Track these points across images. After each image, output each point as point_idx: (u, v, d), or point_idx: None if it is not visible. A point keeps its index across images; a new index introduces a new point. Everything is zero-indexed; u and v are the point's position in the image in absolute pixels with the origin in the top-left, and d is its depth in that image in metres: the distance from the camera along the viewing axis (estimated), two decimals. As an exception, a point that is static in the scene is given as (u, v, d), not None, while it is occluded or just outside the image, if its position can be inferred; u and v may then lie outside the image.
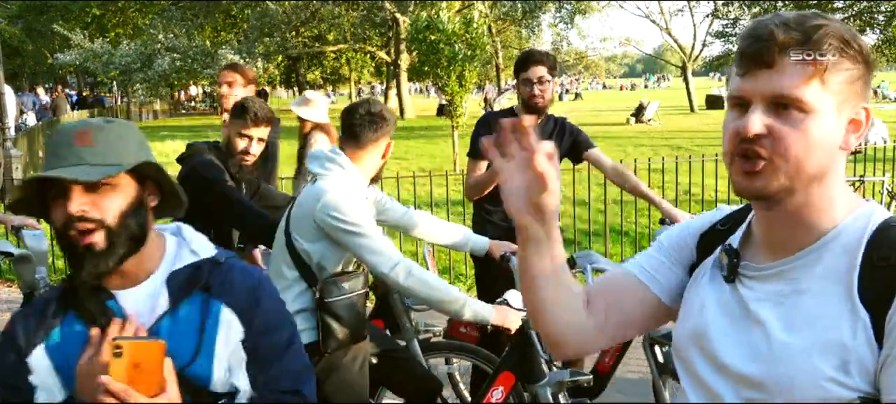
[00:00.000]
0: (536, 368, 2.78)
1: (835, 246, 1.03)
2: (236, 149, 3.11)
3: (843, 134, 1.02)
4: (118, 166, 1.40)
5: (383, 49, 28.69)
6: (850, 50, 0.99)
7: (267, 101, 4.51)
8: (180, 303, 1.48)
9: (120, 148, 1.43)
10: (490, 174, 3.53)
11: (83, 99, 31.57)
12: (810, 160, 1.00)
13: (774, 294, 1.06)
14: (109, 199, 1.40)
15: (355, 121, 2.64)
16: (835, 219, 1.04)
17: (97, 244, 1.39)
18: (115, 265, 1.41)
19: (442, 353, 3.38)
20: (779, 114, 1.00)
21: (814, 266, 1.04)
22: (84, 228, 1.38)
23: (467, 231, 3.21)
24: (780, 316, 1.04)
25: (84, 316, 1.44)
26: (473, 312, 2.55)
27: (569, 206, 8.31)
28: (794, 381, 1.01)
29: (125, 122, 1.52)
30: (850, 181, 7.47)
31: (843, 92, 1.00)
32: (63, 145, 1.41)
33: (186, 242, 1.56)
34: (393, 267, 2.50)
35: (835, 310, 1.00)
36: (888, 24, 20.29)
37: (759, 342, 1.05)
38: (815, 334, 1.00)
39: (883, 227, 1.02)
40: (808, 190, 1.03)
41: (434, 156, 15.47)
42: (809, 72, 0.98)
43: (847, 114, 1.01)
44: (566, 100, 46.66)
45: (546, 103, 3.48)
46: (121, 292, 1.47)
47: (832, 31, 0.99)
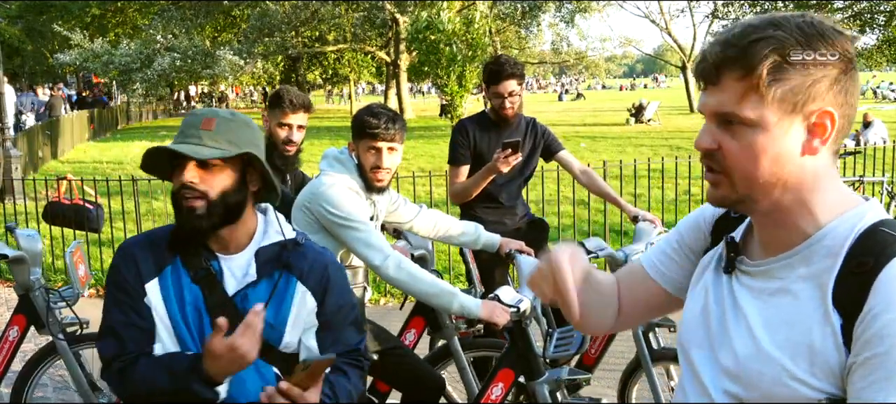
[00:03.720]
0: (534, 365, 2.78)
1: (820, 248, 1.03)
2: (278, 139, 3.14)
3: (803, 140, 1.01)
4: (223, 151, 1.69)
5: (383, 49, 28.67)
6: (797, 59, 0.98)
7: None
8: (263, 277, 1.76)
9: (234, 138, 1.72)
10: (474, 179, 3.59)
11: (83, 98, 31.54)
12: (760, 171, 1.02)
13: (760, 291, 1.08)
14: (215, 177, 1.69)
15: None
16: (820, 221, 1.04)
17: (197, 208, 1.68)
18: (209, 228, 1.71)
19: (481, 351, 3.39)
20: (727, 129, 1.04)
21: (798, 267, 1.05)
22: (191, 194, 1.68)
23: (479, 227, 3.21)
24: (761, 313, 1.07)
25: (191, 267, 1.74)
26: (461, 306, 2.58)
27: (568, 206, 8.31)
28: (763, 377, 1.04)
29: (247, 119, 1.81)
30: (849, 181, 7.46)
31: (791, 101, 1.00)
32: (192, 125, 1.72)
33: (272, 222, 1.84)
34: (384, 260, 2.57)
35: (809, 312, 1.01)
36: (888, 23, 20.27)
37: (740, 336, 1.08)
38: (788, 334, 1.02)
39: (868, 232, 1.01)
40: (772, 197, 1.04)
41: (433, 156, 15.47)
42: (744, 88, 1.00)
43: (802, 122, 1.01)
44: (566, 100, 46.71)
45: (516, 113, 3.68)
46: (223, 256, 1.77)
47: (771, 45, 0.99)
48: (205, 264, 1.75)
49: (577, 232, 7.19)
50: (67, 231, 6.36)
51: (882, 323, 0.94)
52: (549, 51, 42.93)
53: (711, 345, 1.13)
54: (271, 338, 1.78)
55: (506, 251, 3.16)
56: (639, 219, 3.54)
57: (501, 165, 3.35)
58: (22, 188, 9.05)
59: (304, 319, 1.82)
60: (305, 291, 1.81)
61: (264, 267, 1.77)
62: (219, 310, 1.73)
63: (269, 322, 1.75)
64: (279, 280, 1.78)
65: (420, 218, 3.13)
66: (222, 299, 1.75)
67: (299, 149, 3.27)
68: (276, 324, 1.77)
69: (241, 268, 1.77)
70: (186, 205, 1.69)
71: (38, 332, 3.54)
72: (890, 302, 0.94)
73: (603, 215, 7.21)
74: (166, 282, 1.74)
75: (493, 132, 3.73)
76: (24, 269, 3.39)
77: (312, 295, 1.81)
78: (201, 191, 1.69)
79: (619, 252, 3.26)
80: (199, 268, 1.74)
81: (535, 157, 3.88)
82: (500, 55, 4.00)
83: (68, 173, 6.44)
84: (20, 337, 3.54)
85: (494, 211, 3.74)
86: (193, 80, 32.23)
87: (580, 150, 15.97)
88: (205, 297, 1.74)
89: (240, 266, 1.78)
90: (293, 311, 1.79)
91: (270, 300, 1.75)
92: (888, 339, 0.93)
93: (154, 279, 1.74)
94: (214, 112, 1.77)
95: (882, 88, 38.46)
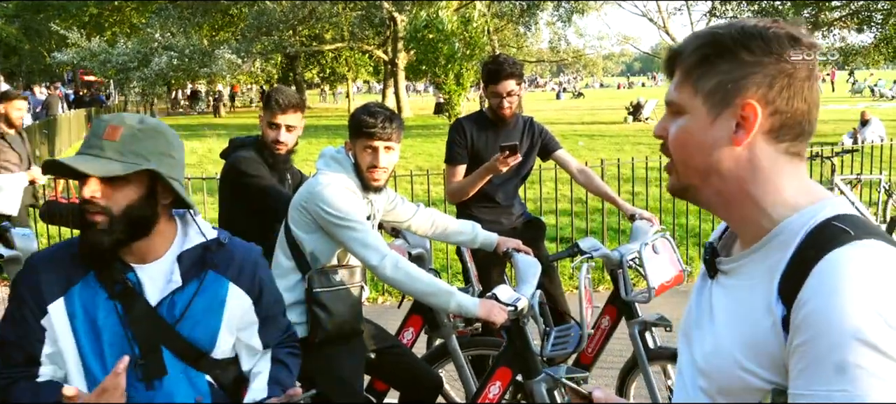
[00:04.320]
0: (531, 364, 2.78)
1: (775, 243, 1.06)
2: (268, 139, 3.16)
3: (731, 132, 1.07)
4: (125, 166, 1.59)
5: (381, 48, 28.65)
6: (725, 53, 1.06)
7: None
8: (190, 280, 1.70)
9: (142, 149, 1.62)
10: (471, 179, 3.59)
11: (80, 97, 31.49)
12: (691, 157, 1.11)
13: (730, 287, 1.13)
14: (119, 191, 1.61)
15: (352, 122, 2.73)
16: (775, 216, 1.08)
17: (99, 223, 1.60)
18: (111, 245, 1.62)
19: (479, 350, 3.39)
20: (672, 117, 1.14)
21: (758, 262, 1.08)
22: (93, 209, 1.60)
23: (476, 226, 3.22)
24: (725, 309, 1.12)
25: (105, 282, 1.65)
26: (458, 305, 2.58)
27: (566, 205, 8.32)
28: (721, 371, 1.08)
29: (156, 126, 1.69)
30: (847, 179, 7.48)
31: (720, 92, 1.07)
32: (95, 135, 1.62)
33: (191, 224, 1.77)
34: (381, 259, 2.56)
35: (760, 305, 1.04)
36: (885, 22, 20.29)
37: (709, 334, 1.13)
38: (741, 327, 1.06)
39: (820, 226, 1.03)
40: (712, 185, 1.11)
41: (431, 155, 15.46)
42: (681, 78, 1.11)
43: (730, 114, 1.07)
44: (564, 98, 46.72)
45: (514, 112, 3.68)
46: (138, 267, 1.68)
47: (707, 39, 1.09)
48: (120, 278, 1.66)
49: (575, 230, 7.19)
50: (65, 230, 6.35)
51: (808, 311, 0.97)
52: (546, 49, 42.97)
53: (690, 345, 1.19)
54: (203, 344, 1.72)
55: (503, 250, 3.16)
56: (636, 218, 3.55)
57: (500, 166, 3.35)
58: (19, 187, 9.03)
59: (240, 319, 1.77)
60: (239, 291, 1.76)
61: (190, 270, 1.71)
62: (142, 323, 1.66)
63: (200, 327, 1.70)
64: (205, 281, 1.72)
65: (417, 217, 3.13)
66: (145, 310, 1.67)
67: (292, 150, 3.27)
68: (208, 329, 1.71)
69: (163, 275, 1.70)
70: (88, 220, 1.61)
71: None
72: (818, 290, 0.96)
73: (601, 214, 7.22)
74: (73, 301, 1.65)
75: (491, 131, 3.73)
76: (19, 268, 3.38)
77: (247, 294, 1.77)
78: (102, 206, 1.60)
79: (615, 251, 3.26)
80: (116, 283, 1.65)
81: (532, 157, 3.88)
82: (498, 54, 3.99)
83: (66, 172, 6.43)
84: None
85: (491, 210, 3.74)
86: (191, 79, 32.20)
87: (578, 149, 15.98)
88: (126, 311, 1.65)
89: (160, 273, 1.70)
90: (227, 313, 1.74)
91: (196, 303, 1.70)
92: (812, 327, 0.96)
93: (59, 299, 1.65)
94: (121, 119, 1.65)
95: (879, 86, 38.52)
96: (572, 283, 6.04)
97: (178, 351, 1.69)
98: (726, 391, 1.08)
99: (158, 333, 1.65)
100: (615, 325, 3.42)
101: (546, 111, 31.08)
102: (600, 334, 3.45)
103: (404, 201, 3.12)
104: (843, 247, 0.98)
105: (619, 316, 3.39)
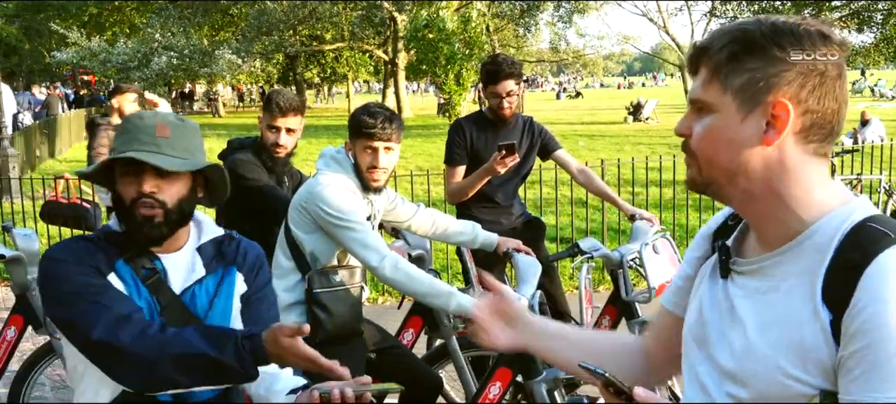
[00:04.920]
0: (531, 365, 2.78)
1: (809, 245, 1.05)
2: (268, 141, 3.15)
3: (761, 131, 1.05)
4: (192, 162, 1.71)
5: (381, 48, 28.64)
6: (756, 50, 1.04)
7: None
8: (210, 272, 1.80)
9: (188, 144, 1.74)
10: (471, 180, 3.59)
11: (79, 97, 31.49)
12: (719, 156, 1.09)
13: (754, 290, 1.10)
14: (173, 186, 1.70)
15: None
16: (805, 217, 1.06)
17: (155, 217, 1.68)
18: (163, 237, 1.72)
19: (479, 350, 3.39)
20: (697, 114, 1.11)
21: (788, 264, 1.07)
22: (150, 204, 1.67)
23: (476, 226, 3.22)
24: (755, 312, 1.09)
25: (135, 269, 1.73)
26: (458, 306, 2.58)
27: (568, 206, 8.32)
28: (758, 376, 1.06)
29: (194, 125, 1.81)
30: (847, 179, 7.47)
31: (750, 90, 1.05)
32: (145, 132, 1.69)
33: (202, 220, 1.87)
34: (381, 260, 2.57)
35: (800, 309, 1.03)
36: (885, 22, 20.29)
37: (737, 337, 1.10)
38: (780, 331, 1.04)
39: (856, 228, 1.02)
40: (738, 185, 1.09)
41: (431, 155, 15.45)
42: (709, 75, 1.09)
43: (761, 113, 1.05)
44: (564, 98, 46.71)
45: (513, 112, 3.68)
46: (163, 256, 1.77)
47: (736, 36, 1.06)
48: (150, 265, 1.74)
49: (575, 230, 7.19)
50: (65, 230, 6.35)
51: (866, 317, 0.96)
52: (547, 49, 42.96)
53: (710, 350, 1.15)
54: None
55: (503, 250, 3.16)
56: (636, 218, 3.55)
57: (498, 166, 3.35)
58: (19, 187, 9.04)
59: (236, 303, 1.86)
60: (241, 279, 1.86)
61: (209, 263, 1.81)
62: (170, 309, 1.71)
63: (216, 315, 1.78)
64: (222, 272, 1.82)
65: (418, 217, 3.13)
66: (170, 297, 1.74)
67: (291, 152, 3.27)
68: (223, 318, 1.80)
69: (185, 266, 1.79)
70: (144, 214, 1.67)
71: (35, 332, 3.54)
72: (874, 295, 0.96)
73: (601, 214, 7.22)
74: (120, 280, 1.70)
75: (491, 131, 3.72)
76: (22, 269, 3.39)
77: (244, 281, 1.87)
78: (159, 200, 1.68)
79: (615, 251, 3.26)
80: (144, 268, 1.73)
81: (531, 157, 3.88)
82: (497, 54, 3.99)
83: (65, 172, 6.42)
84: (17, 336, 3.54)
85: (491, 210, 3.74)
86: (191, 79, 32.19)
87: (578, 149, 15.97)
88: (154, 295, 1.71)
89: (183, 263, 1.79)
90: (235, 302, 1.83)
91: (214, 292, 1.79)
92: (872, 332, 0.95)
93: (111, 273, 1.71)
94: (165, 118, 1.75)
95: (879, 86, 38.51)
96: (572, 283, 6.04)
97: None
98: (765, 395, 1.06)
99: (184, 319, 1.72)
100: (615, 325, 3.42)
101: (546, 111, 31.08)
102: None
103: (404, 201, 3.12)
104: (890, 249, 0.98)
105: (619, 317, 3.39)
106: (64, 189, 5.87)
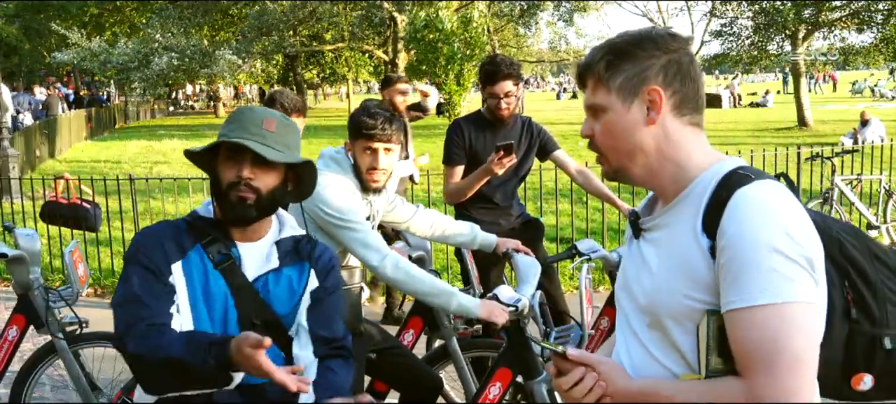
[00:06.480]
0: (532, 365, 2.78)
1: (693, 193, 1.32)
2: None
3: (644, 114, 1.33)
4: (290, 156, 1.85)
5: (381, 48, 28.63)
6: (626, 56, 1.33)
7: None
8: (285, 264, 1.91)
9: (289, 141, 1.87)
10: (469, 181, 3.58)
11: (80, 98, 31.48)
12: (619, 144, 1.36)
13: (657, 240, 1.37)
14: (269, 175, 1.83)
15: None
16: (691, 174, 1.33)
17: (249, 200, 1.81)
18: (253, 220, 1.85)
19: (480, 351, 3.39)
20: (594, 117, 1.39)
21: (680, 211, 1.33)
22: (246, 188, 1.81)
23: (475, 227, 3.22)
24: (657, 255, 1.35)
25: (211, 254, 1.85)
26: (459, 305, 2.59)
27: (568, 205, 8.32)
28: (664, 303, 1.31)
29: (294, 124, 1.94)
30: (847, 179, 7.48)
31: (626, 87, 1.33)
32: (253, 123, 1.83)
33: (284, 218, 2.00)
34: (382, 260, 2.58)
35: (688, 241, 1.29)
36: (885, 22, 20.27)
37: (646, 277, 1.36)
38: (676, 262, 1.31)
39: (728, 174, 1.29)
40: (639, 162, 1.35)
41: (431, 155, 15.45)
42: (594, 84, 1.37)
43: (640, 101, 1.33)
44: (564, 98, 46.68)
45: (512, 113, 3.69)
46: (241, 244, 1.89)
47: (608, 49, 1.35)
48: (225, 251, 1.86)
49: (575, 231, 7.19)
50: (65, 230, 6.35)
51: (729, 236, 1.22)
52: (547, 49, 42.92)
53: (630, 294, 1.41)
54: (285, 322, 1.92)
55: (503, 250, 3.17)
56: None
57: (496, 167, 3.35)
58: (19, 187, 9.04)
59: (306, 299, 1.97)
60: (314, 276, 1.97)
61: (285, 257, 1.92)
62: (242, 293, 1.85)
63: (284, 305, 1.90)
64: (296, 267, 1.93)
65: (417, 217, 3.13)
66: (243, 283, 1.86)
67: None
68: (290, 309, 1.92)
69: (262, 256, 1.91)
70: (239, 196, 1.81)
71: (37, 332, 3.54)
72: (733, 218, 1.23)
73: (601, 214, 7.22)
74: (190, 266, 1.84)
75: (489, 132, 3.72)
76: (24, 269, 3.39)
77: (317, 278, 1.97)
78: (255, 186, 1.82)
79: (613, 253, 3.27)
80: (219, 254, 1.85)
81: (530, 157, 3.88)
82: (496, 55, 3.99)
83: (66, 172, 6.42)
84: (19, 336, 3.54)
85: (489, 211, 3.74)
86: (191, 79, 32.18)
87: (578, 149, 15.97)
88: (227, 281, 1.84)
89: (260, 253, 1.91)
90: (305, 297, 1.94)
91: (285, 287, 1.90)
92: (732, 248, 1.21)
93: (178, 261, 1.84)
94: (272, 113, 1.89)
95: (880, 87, 38.48)
96: (572, 284, 6.04)
97: (267, 323, 1.87)
98: (672, 317, 1.31)
99: (254, 304, 1.85)
100: (615, 325, 3.42)
101: (546, 111, 31.06)
102: (600, 334, 3.45)
103: (404, 202, 3.12)
104: (748, 185, 1.25)
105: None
106: (64, 189, 5.87)
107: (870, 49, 21.83)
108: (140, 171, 13.63)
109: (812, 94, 33.39)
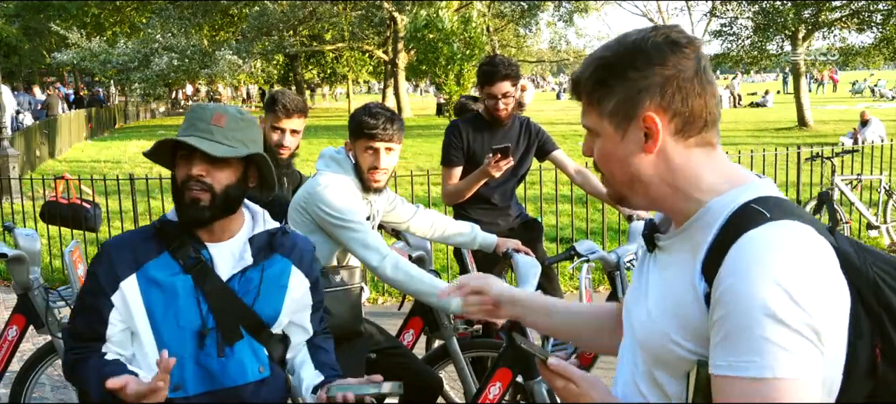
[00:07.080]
0: (531, 365, 2.78)
1: (698, 224, 1.14)
2: (271, 142, 3.16)
3: (641, 141, 1.15)
4: (236, 150, 1.79)
5: (381, 48, 28.63)
6: (616, 74, 1.15)
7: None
8: (260, 260, 1.88)
9: (243, 136, 1.82)
10: (467, 182, 3.58)
11: (80, 98, 31.48)
12: (614, 172, 1.21)
13: (663, 264, 1.21)
14: (222, 172, 1.79)
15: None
16: (700, 200, 1.15)
17: (202, 200, 1.78)
18: (209, 220, 1.81)
19: (480, 351, 3.40)
20: (591, 138, 1.23)
21: (683, 241, 1.17)
22: (197, 187, 1.77)
23: (475, 227, 3.22)
24: (656, 285, 1.20)
25: (180, 258, 1.81)
26: (459, 305, 2.58)
27: (568, 205, 8.32)
28: (653, 343, 1.17)
29: (252, 118, 1.91)
30: (847, 179, 7.48)
31: (621, 111, 1.16)
32: (202, 120, 1.80)
33: (257, 213, 1.97)
34: (381, 260, 2.58)
35: (685, 281, 1.13)
36: (885, 22, 20.26)
37: (643, 313, 1.21)
38: (670, 302, 1.15)
39: (740, 209, 1.10)
40: (638, 192, 1.20)
41: (431, 155, 15.45)
42: (585, 105, 1.21)
43: (635, 126, 1.15)
44: (564, 98, 46.68)
45: (510, 114, 3.66)
46: (211, 245, 1.86)
47: (598, 64, 1.17)
48: (194, 254, 1.83)
49: (575, 231, 7.19)
50: (65, 230, 6.35)
51: (724, 288, 1.04)
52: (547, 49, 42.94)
53: (629, 318, 1.27)
54: (267, 318, 1.89)
55: (502, 250, 3.17)
56: (633, 219, 3.55)
57: (492, 170, 3.35)
58: (19, 187, 9.04)
59: (299, 300, 1.96)
60: (300, 274, 1.95)
61: (260, 252, 1.89)
62: (215, 295, 1.81)
63: (265, 302, 1.88)
64: (273, 262, 1.91)
65: (417, 218, 3.13)
66: (216, 285, 1.82)
67: (294, 154, 3.28)
68: (272, 305, 1.89)
69: (234, 254, 1.88)
70: (191, 196, 1.78)
71: (36, 332, 3.54)
72: (732, 269, 1.04)
73: (601, 214, 7.22)
74: (147, 276, 1.81)
75: (487, 133, 3.72)
76: (24, 269, 3.39)
77: (306, 277, 1.96)
78: (207, 184, 1.78)
79: (612, 253, 3.27)
80: (189, 258, 1.82)
81: (528, 158, 3.87)
82: (494, 55, 3.98)
83: (66, 172, 6.42)
84: (19, 336, 3.54)
85: (488, 212, 3.74)
86: (191, 80, 32.19)
87: (578, 149, 15.96)
88: (197, 284, 1.81)
89: (232, 252, 1.88)
90: (289, 293, 1.92)
91: (265, 280, 1.88)
92: (728, 303, 1.03)
93: (131, 275, 1.80)
94: (224, 108, 1.84)
95: (879, 87, 38.48)
96: (572, 284, 6.04)
97: (245, 322, 1.86)
98: (660, 362, 1.16)
99: (230, 304, 1.82)
100: (614, 326, 3.42)
101: (546, 111, 31.06)
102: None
103: (404, 202, 3.12)
104: (758, 227, 1.05)
105: (618, 317, 3.39)
106: (64, 189, 5.87)
107: (870, 49, 21.82)
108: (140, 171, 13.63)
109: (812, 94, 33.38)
